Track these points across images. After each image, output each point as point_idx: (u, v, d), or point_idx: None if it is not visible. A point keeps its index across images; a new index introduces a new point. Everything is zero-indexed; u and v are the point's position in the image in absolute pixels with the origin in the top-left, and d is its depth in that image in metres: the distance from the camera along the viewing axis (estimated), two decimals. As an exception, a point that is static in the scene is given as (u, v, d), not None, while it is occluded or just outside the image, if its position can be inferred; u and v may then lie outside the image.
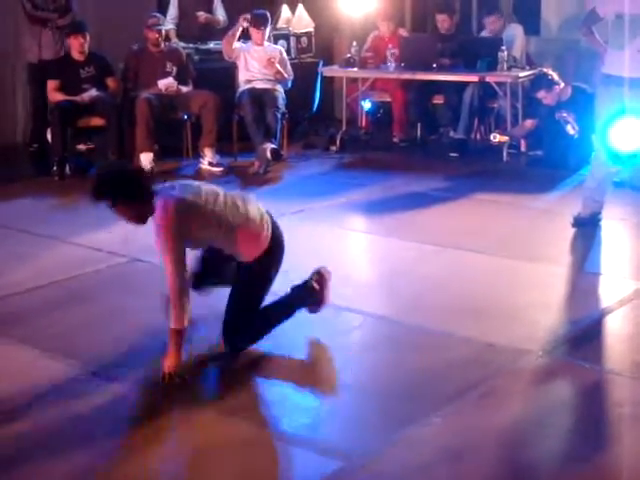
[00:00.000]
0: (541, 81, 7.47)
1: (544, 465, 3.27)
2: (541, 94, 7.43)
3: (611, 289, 5.00)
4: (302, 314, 4.52)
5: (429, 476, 3.13)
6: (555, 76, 7.44)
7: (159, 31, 7.92)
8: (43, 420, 3.50)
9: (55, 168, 7.48)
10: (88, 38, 7.73)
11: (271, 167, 7.64)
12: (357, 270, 5.58)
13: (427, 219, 6.33)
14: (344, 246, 5.97)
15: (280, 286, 4.26)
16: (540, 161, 7.74)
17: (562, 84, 7.42)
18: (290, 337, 4.27)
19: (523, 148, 8.06)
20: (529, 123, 7.79)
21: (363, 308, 4.69)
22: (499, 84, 7.99)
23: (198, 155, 7.88)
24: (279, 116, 7.92)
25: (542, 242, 5.75)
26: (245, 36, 8.30)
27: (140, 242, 5.69)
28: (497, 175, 7.56)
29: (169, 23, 8.53)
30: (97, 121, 7.71)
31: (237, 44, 8.06)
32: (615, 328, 4.47)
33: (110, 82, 7.88)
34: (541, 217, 6.34)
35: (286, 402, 3.66)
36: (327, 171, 7.90)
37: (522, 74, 7.91)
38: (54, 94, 7.67)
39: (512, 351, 4.12)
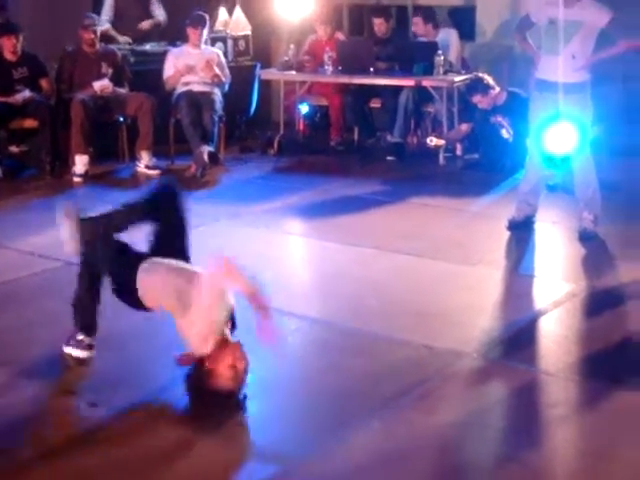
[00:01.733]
0: (476, 85, 7.54)
1: (479, 466, 3.31)
2: (476, 98, 7.51)
3: (545, 291, 5.07)
4: (238, 317, 4.50)
5: (362, 477, 3.13)
6: (490, 80, 7.52)
7: (94, 32, 7.82)
8: None
9: (-13, 170, 7.34)
10: (21, 38, 7.59)
11: (208, 170, 7.58)
12: (294, 274, 5.58)
13: (364, 222, 6.35)
14: (281, 250, 5.96)
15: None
16: (476, 165, 7.82)
17: (497, 88, 7.51)
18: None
19: (459, 152, 8.13)
20: (465, 127, 7.87)
21: (300, 312, 4.69)
22: (435, 88, 8.05)
23: (134, 158, 7.79)
24: (216, 119, 7.87)
25: (478, 245, 5.81)
26: (180, 38, 8.27)
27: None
28: (433, 179, 7.62)
29: (105, 22, 8.44)
30: (30, 123, 7.57)
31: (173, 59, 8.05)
32: (549, 330, 4.54)
33: (44, 83, 7.75)
34: (477, 220, 6.41)
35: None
36: (264, 175, 7.87)
37: (458, 78, 7.98)
38: (-15, 95, 7.53)
39: (449, 353, 4.15)
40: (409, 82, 8.05)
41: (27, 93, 7.52)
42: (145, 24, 8.68)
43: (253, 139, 8.84)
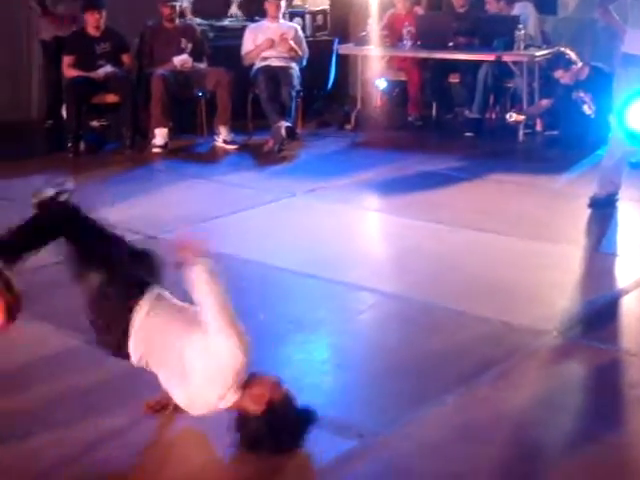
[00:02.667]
0: (559, 60, 7.41)
1: (557, 445, 3.26)
2: (558, 73, 7.38)
3: (627, 270, 4.98)
4: (316, 293, 4.54)
5: (442, 455, 3.13)
6: (573, 55, 7.38)
7: (173, 7, 7.88)
8: (54, 392, 3.51)
9: (70, 145, 7.48)
10: (104, 14, 7.69)
11: (285, 145, 7.61)
12: (370, 249, 5.57)
13: (442, 199, 6.30)
14: (358, 225, 5.96)
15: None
16: (556, 141, 7.69)
17: (580, 63, 7.36)
18: (304, 316, 4.27)
19: (539, 128, 8.01)
20: (545, 102, 7.74)
21: (377, 287, 4.68)
22: (515, 63, 7.94)
23: (213, 132, 7.87)
24: (294, 94, 7.89)
25: (558, 223, 5.72)
26: (259, 13, 8.29)
27: (153, 219, 5.73)
28: (513, 155, 7.53)
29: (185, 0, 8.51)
30: (112, 98, 7.69)
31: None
32: (631, 309, 4.45)
33: (125, 58, 7.86)
34: (557, 197, 6.31)
35: (300, 382, 3.65)
36: (341, 150, 7.88)
37: (539, 53, 7.86)
38: (69, 70, 7.65)
39: (527, 331, 4.11)
40: (489, 57, 7.94)
41: (109, 68, 7.64)
42: None
43: (330, 114, 8.85)
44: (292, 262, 4.97)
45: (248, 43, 8.10)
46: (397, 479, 3.03)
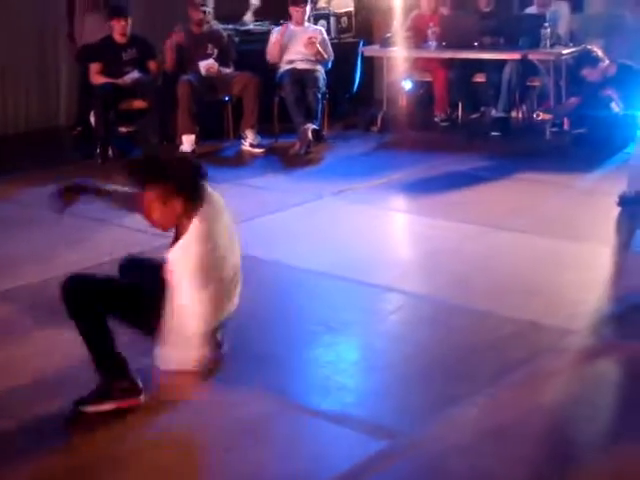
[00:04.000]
0: (586, 58, 7.38)
1: (589, 446, 3.25)
2: (586, 71, 7.34)
3: (657, 268, 4.95)
4: (344, 295, 4.55)
5: (474, 456, 3.12)
6: (600, 53, 7.34)
7: (204, 12, 7.93)
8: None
9: (98, 151, 7.54)
10: (130, 21, 7.75)
11: (312, 148, 7.63)
12: (399, 250, 5.58)
13: (469, 199, 6.29)
14: (386, 227, 5.96)
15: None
16: (584, 139, 7.63)
17: (607, 61, 7.32)
18: (333, 318, 4.28)
19: (566, 126, 7.95)
20: (573, 101, 7.69)
21: (406, 288, 4.68)
22: (542, 61, 7.90)
23: (239, 136, 7.90)
24: (320, 96, 7.90)
25: (587, 221, 5.69)
26: (284, 17, 8.30)
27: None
28: (540, 154, 7.49)
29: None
30: (139, 104, 7.73)
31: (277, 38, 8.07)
32: (662, 307, 4.42)
33: (152, 65, 7.90)
34: (586, 196, 6.28)
35: (330, 381, 3.67)
36: (368, 151, 7.88)
37: (565, 51, 7.81)
38: (96, 77, 7.71)
39: (557, 330, 4.09)
40: (515, 55, 7.91)
41: (136, 74, 7.69)
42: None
43: (356, 116, 8.85)
44: (320, 264, 4.98)
45: (272, 44, 8.11)
46: (427, 478, 3.03)
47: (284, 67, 8.06)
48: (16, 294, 4.63)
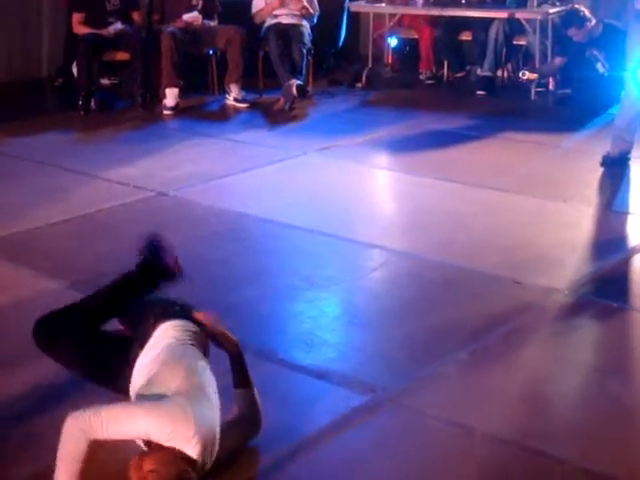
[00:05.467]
0: (572, 18, 7.34)
1: (569, 402, 3.29)
2: (572, 31, 7.31)
3: (639, 228, 4.97)
4: (327, 251, 4.55)
5: (455, 411, 3.14)
6: (586, 12, 7.31)
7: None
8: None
9: (81, 102, 7.46)
10: (114, -30, 7.64)
11: (296, 104, 7.59)
12: (382, 207, 5.58)
13: (453, 157, 6.29)
14: (369, 184, 5.96)
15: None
16: (569, 99, 7.64)
17: (593, 21, 7.29)
18: (315, 273, 4.28)
19: (551, 86, 7.96)
20: (558, 60, 7.68)
21: (388, 245, 4.69)
22: (528, 20, 7.87)
23: (224, 91, 7.84)
24: (305, 52, 7.85)
25: (570, 181, 5.70)
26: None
27: (165, 177, 5.74)
28: (524, 114, 7.49)
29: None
30: (122, 55, 7.65)
31: None
32: (642, 267, 4.45)
33: (135, 15, 7.80)
34: (569, 156, 6.29)
35: (312, 336, 3.68)
36: (352, 108, 7.85)
37: (552, 10, 7.78)
38: (79, 27, 7.60)
39: (539, 289, 4.11)
40: (502, 14, 7.88)
41: (119, 25, 7.59)
42: None
43: (341, 72, 8.81)
44: (303, 220, 4.98)
45: (259, 1, 8.03)
46: (409, 435, 3.05)
47: (269, 21, 7.99)
48: (-2, 245, 4.61)
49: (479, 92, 8.11)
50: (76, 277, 4.16)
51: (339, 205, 5.28)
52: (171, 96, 7.53)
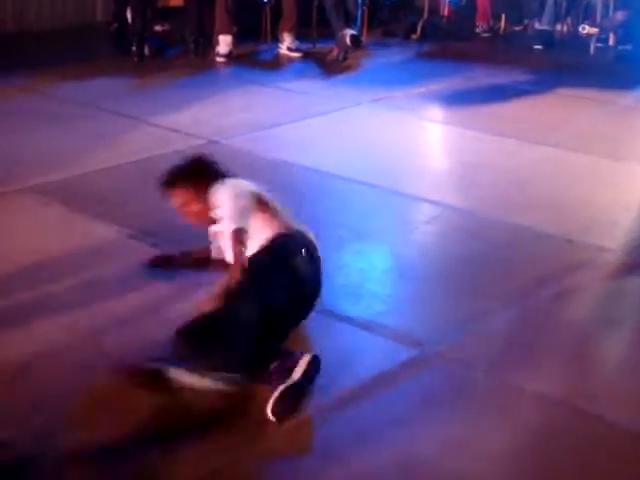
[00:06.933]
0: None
1: (619, 364, 3.24)
2: (635, -16, 7.12)
3: (697, 190, 4.87)
4: (377, 203, 4.51)
5: (504, 369, 3.12)
6: (652, -35, 7.11)
7: None
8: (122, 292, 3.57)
9: (134, 48, 7.45)
10: None
11: (350, 54, 7.51)
12: (434, 161, 5.52)
13: (508, 112, 6.18)
14: (422, 137, 5.89)
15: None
16: (629, 56, 7.47)
17: (659, -26, 7.09)
18: (365, 226, 4.25)
19: (612, 42, 7.76)
20: (620, 15, 7.49)
21: (439, 199, 4.64)
22: (590, -28, 7.68)
23: (277, 39, 7.78)
24: (360, 2, 7.75)
25: (626, 140, 5.59)
26: None
27: (216, 124, 5.73)
28: (583, 69, 7.33)
29: None
30: (176, 1, 7.65)
31: None
32: (699, 229, 4.36)
33: (190, -39, 7.75)
34: (627, 114, 6.16)
35: (361, 289, 3.67)
36: (407, 60, 7.75)
37: (616, -37, 7.58)
38: (134, -28, 7.58)
39: (591, 248, 4.05)
40: (563, -35, 7.69)
41: (175, -29, 7.55)
42: None
43: (396, 23, 8.67)
44: (353, 171, 4.94)
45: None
46: (454, 389, 3.04)
47: (324, -30, 7.88)
48: (48, 189, 4.63)
49: (536, 46, 7.95)
50: (127, 222, 4.19)
51: (390, 157, 5.23)
52: (224, 43, 7.49)
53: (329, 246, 4.06)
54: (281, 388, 2.77)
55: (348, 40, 7.43)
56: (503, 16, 8.48)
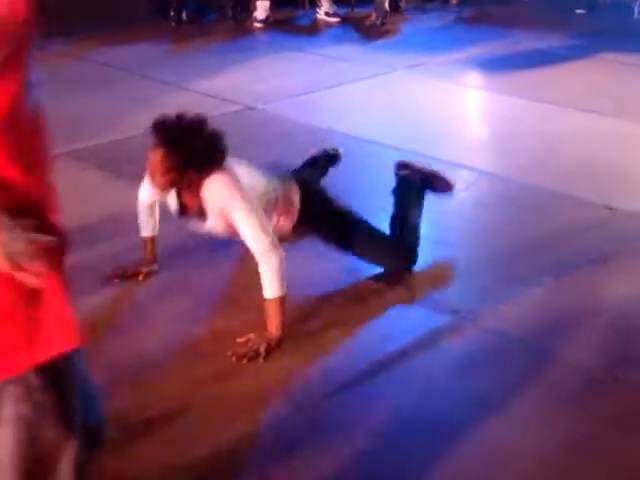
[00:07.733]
0: None
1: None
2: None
3: None
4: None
5: (539, 336, 3.09)
6: None
7: None
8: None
9: (172, 13, 7.44)
10: None
11: (388, 19, 7.45)
12: (472, 128, 5.46)
13: (549, 78, 6.09)
14: (460, 103, 5.82)
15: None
16: (674, 21, 7.33)
17: None
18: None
19: (656, 6, 7.62)
20: (665, -22, 7.33)
21: (477, 166, 4.59)
22: None
23: (315, 4, 7.72)
24: (399, -35, 7.66)
25: (670, 106, 5.49)
26: None
27: (253, 90, 5.71)
28: (626, 34, 7.19)
29: None
30: (214, -33, 7.59)
31: None
32: None
33: None
34: (671, 80, 6.04)
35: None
36: (446, 25, 7.66)
37: None
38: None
39: (632, 216, 3.99)
40: None
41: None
42: None
43: (436, -13, 8.57)
44: (391, 137, 4.90)
45: None
46: (488, 357, 3.01)
47: None
48: (84, 154, 4.65)
49: (579, 10, 7.82)
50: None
51: (428, 124, 5.18)
52: (262, 8, 7.46)
53: (365, 213, 4.05)
54: None
55: (387, 4, 7.38)
56: (545, -21, 8.35)
